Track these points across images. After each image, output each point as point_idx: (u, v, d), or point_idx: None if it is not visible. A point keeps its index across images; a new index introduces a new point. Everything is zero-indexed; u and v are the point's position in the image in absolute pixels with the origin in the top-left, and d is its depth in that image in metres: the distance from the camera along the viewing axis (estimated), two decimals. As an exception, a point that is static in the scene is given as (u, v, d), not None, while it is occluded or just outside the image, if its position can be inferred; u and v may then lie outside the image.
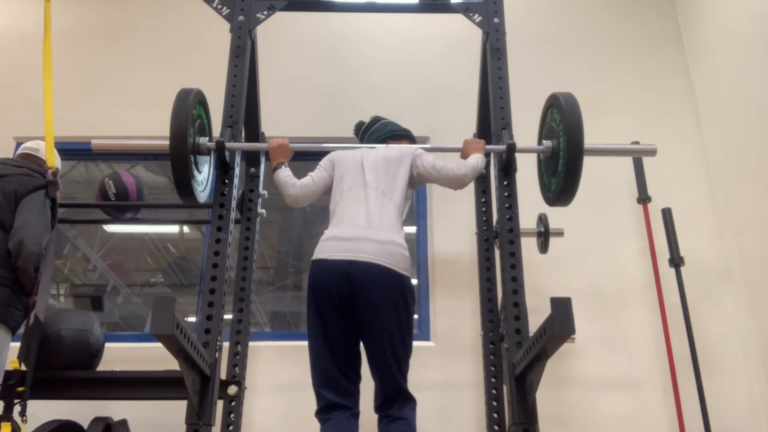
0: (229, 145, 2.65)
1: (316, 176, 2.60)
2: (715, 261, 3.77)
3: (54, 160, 2.75)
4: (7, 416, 2.34)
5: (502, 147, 2.68)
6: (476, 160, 2.58)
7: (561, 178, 2.49)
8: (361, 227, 2.34)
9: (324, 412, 2.22)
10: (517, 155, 2.68)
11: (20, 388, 2.37)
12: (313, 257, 2.36)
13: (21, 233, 2.53)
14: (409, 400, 2.25)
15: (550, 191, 2.70)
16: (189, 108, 2.46)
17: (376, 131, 2.84)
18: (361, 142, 2.92)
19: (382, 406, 2.24)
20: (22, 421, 2.32)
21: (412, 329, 2.33)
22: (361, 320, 2.26)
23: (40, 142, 2.94)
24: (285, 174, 2.59)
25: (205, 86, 3.16)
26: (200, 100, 2.66)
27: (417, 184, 2.62)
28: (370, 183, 2.47)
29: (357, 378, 2.32)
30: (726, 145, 3.89)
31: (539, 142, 2.79)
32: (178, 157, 2.42)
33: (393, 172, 2.51)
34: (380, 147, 2.65)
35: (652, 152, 2.75)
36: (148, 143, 2.65)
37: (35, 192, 2.66)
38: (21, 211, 2.59)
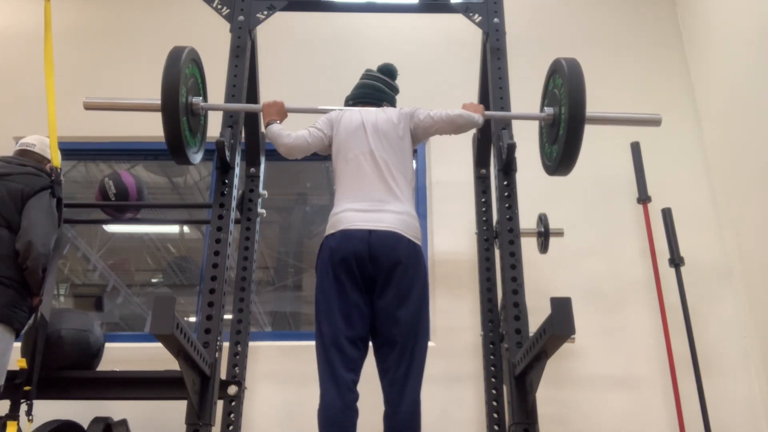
0: (205, 105, 2.63)
1: (312, 132, 2.57)
2: (715, 261, 3.77)
3: (59, 160, 2.75)
4: (13, 415, 2.35)
5: (505, 114, 2.73)
6: (472, 113, 2.56)
7: (561, 145, 2.44)
8: (376, 200, 2.34)
9: (328, 397, 2.15)
10: (518, 155, 2.67)
11: (27, 387, 2.37)
12: (330, 230, 2.34)
13: (29, 234, 2.53)
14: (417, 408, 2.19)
15: (550, 159, 2.65)
16: (181, 66, 2.41)
17: (370, 96, 2.75)
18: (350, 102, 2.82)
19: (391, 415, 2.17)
20: (29, 420, 2.32)
21: (428, 300, 2.33)
22: (379, 288, 2.25)
23: (37, 137, 2.93)
24: (278, 127, 2.56)
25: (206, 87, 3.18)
26: (194, 59, 2.60)
27: (416, 141, 2.61)
28: (376, 151, 2.44)
29: (363, 356, 2.27)
30: (726, 145, 3.89)
31: (541, 110, 2.74)
32: (170, 115, 2.36)
33: (398, 142, 2.49)
34: (378, 110, 2.61)
35: (656, 122, 2.67)
36: (141, 102, 2.59)
37: (41, 192, 2.66)
38: (28, 212, 2.59)
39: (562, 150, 2.44)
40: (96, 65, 4.42)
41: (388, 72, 2.82)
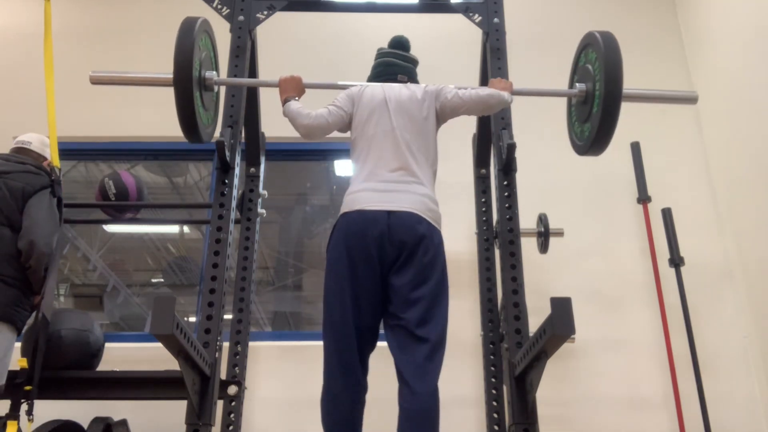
0: (219, 80, 2.53)
1: (332, 110, 2.42)
2: (715, 261, 3.77)
3: (58, 159, 2.75)
4: (14, 415, 2.34)
5: (534, 89, 2.66)
6: (502, 92, 2.43)
7: (596, 123, 2.30)
8: (396, 180, 2.22)
9: (332, 387, 2.08)
10: (518, 155, 2.66)
11: (27, 387, 2.37)
12: (345, 209, 2.21)
13: (32, 233, 2.52)
14: (436, 395, 2.07)
15: (582, 139, 2.51)
16: (195, 37, 2.26)
17: (385, 71, 2.62)
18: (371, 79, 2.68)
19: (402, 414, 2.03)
20: (29, 420, 2.32)
21: (447, 285, 2.21)
22: (396, 268, 2.13)
23: (34, 135, 2.91)
24: (296, 105, 2.42)
25: (205, 86, 3.18)
26: (206, 31, 2.47)
27: (441, 121, 2.48)
28: (398, 129, 2.32)
29: (372, 347, 2.18)
30: (726, 145, 3.89)
31: (571, 86, 2.62)
32: (183, 90, 2.23)
33: (421, 122, 2.37)
34: (401, 86, 2.48)
35: (693, 99, 2.58)
36: (152, 76, 2.48)
37: (42, 191, 2.65)
38: (30, 211, 2.58)
39: (596, 129, 2.31)
40: (96, 65, 4.39)
41: (399, 45, 2.69)
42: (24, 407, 2.38)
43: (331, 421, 2.05)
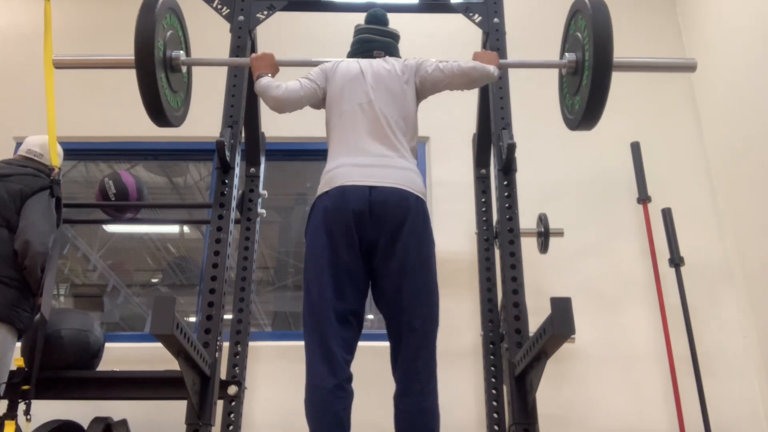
0: (186, 59, 2.42)
1: (304, 83, 2.32)
2: (715, 261, 3.77)
3: (57, 159, 2.75)
4: (11, 415, 2.34)
5: (522, 61, 2.60)
6: (486, 65, 2.35)
7: (586, 94, 2.19)
8: (377, 154, 2.12)
9: (316, 381, 1.94)
10: (518, 155, 2.66)
11: (25, 387, 2.37)
12: (323, 188, 2.10)
13: (27, 233, 2.53)
14: (433, 388, 2.01)
15: (573, 112, 2.40)
16: (157, 16, 2.16)
17: (362, 48, 2.51)
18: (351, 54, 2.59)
19: (401, 394, 1.98)
20: (27, 419, 2.32)
21: (435, 267, 2.12)
22: (380, 252, 2.04)
23: (42, 143, 2.91)
24: (267, 79, 2.33)
25: (205, 86, 3.17)
26: (171, 8, 2.35)
27: (421, 97, 2.39)
28: (376, 102, 2.21)
29: (357, 334, 2.08)
30: (726, 145, 3.89)
31: (561, 56, 2.54)
32: (145, 71, 2.13)
33: (400, 95, 2.27)
34: (379, 60, 2.39)
35: (690, 67, 2.44)
36: (113, 58, 2.42)
37: (40, 192, 2.66)
38: (26, 212, 2.58)
39: (587, 100, 2.20)
40: (96, 65, 4.42)
41: (375, 19, 2.55)
42: (22, 407, 2.38)
43: (313, 409, 1.90)
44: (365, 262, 2.07)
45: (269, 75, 2.38)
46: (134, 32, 2.12)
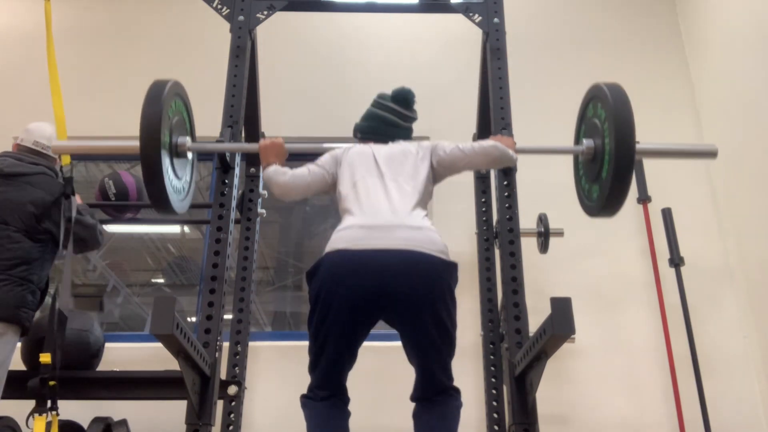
0: (193, 145, 2.37)
1: (312, 169, 2.24)
2: (715, 261, 3.77)
3: (69, 157, 2.73)
4: (42, 409, 2.35)
5: (537, 147, 2.49)
6: (506, 148, 2.26)
7: (607, 185, 2.10)
8: (389, 215, 1.97)
9: (312, 398, 1.99)
10: (519, 155, 2.66)
11: (52, 382, 2.38)
12: (329, 248, 1.95)
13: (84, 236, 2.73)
14: (454, 393, 2.01)
15: (591, 200, 2.32)
16: (164, 103, 2.12)
17: (380, 130, 2.38)
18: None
19: (419, 397, 2.01)
20: (55, 414, 2.34)
21: (455, 320, 2.02)
22: (395, 320, 1.96)
23: (52, 137, 2.85)
24: (275, 167, 2.25)
25: (205, 86, 3.17)
26: (178, 93, 2.31)
27: (438, 178, 2.28)
28: (387, 173, 2.12)
29: (353, 363, 2.06)
30: (726, 145, 3.89)
31: (577, 141, 2.47)
32: (150, 162, 2.07)
33: (412, 164, 2.18)
34: (391, 144, 2.30)
35: (712, 154, 2.35)
36: (117, 145, 2.37)
37: (60, 198, 2.68)
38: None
39: (608, 190, 2.10)
40: (96, 65, 4.42)
41: (404, 101, 2.40)
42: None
43: (310, 413, 1.96)
44: (377, 316, 1.98)
45: (277, 164, 2.28)
46: (140, 121, 2.08)
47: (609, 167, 2.10)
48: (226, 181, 2.66)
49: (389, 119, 2.38)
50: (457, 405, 2.00)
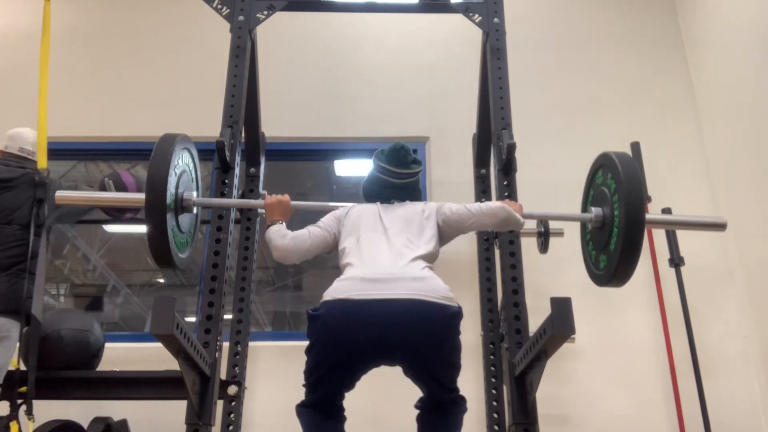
0: (198, 200, 2.36)
1: (313, 231, 2.22)
2: (715, 261, 3.77)
3: (45, 161, 2.75)
4: (13, 416, 2.36)
5: (546, 214, 2.52)
6: (515, 212, 2.25)
7: (616, 257, 2.10)
8: (390, 267, 1.95)
9: (307, 407, 2.01)
10: (518, 155, 2.66)
11: (23, 389, 2.39)
12: (328, 296, 1.92)
13: None
14: (459, 399, 2.00)
15: (599, 269, 2.30)
16: (171, 158, 2.09)
17: (379, 193, 2.36)
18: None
19: (424, 403, 2.03)
20: (30, 419, 2.35)
21: (460, 352, 1.99)
22: (398, 364, 1.96)
23: (29, 137, 2.91)
24: (277, 227, 2.22)
25: (205, 86, 3.17)
26: (186, 148, 2.30)
27: (445, 238, 2.27)
28: (391, 229, 2.11)
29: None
30: (726, 145, 3.89)
31: (584, 209, 2.46)
32: (155, 218, 2.04)
33: (418, 223, 2.17)
34: (397, 203, 2.30)
35: (721, 226, 2.34)
36: (123, 197, 2.36)
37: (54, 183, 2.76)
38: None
39: (617, 263, 2.09)
40: (96, 65, 4.42)
41: (396, 161, 2.34)
42: (23, 407, 2.39)
43: (306, 420, 2.00)
44: (377, 364, 1.98)
45: (281, 222, 2.27)
46: (147, 175, 2.05)
47: (618, 240, 2.09)
48: (226, 181, 2.67)
49: (387, 182, 2.34)
50: (462, 410, 2.02)
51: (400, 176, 2.34)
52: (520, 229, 2.32)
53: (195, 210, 2.38)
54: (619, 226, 2.09)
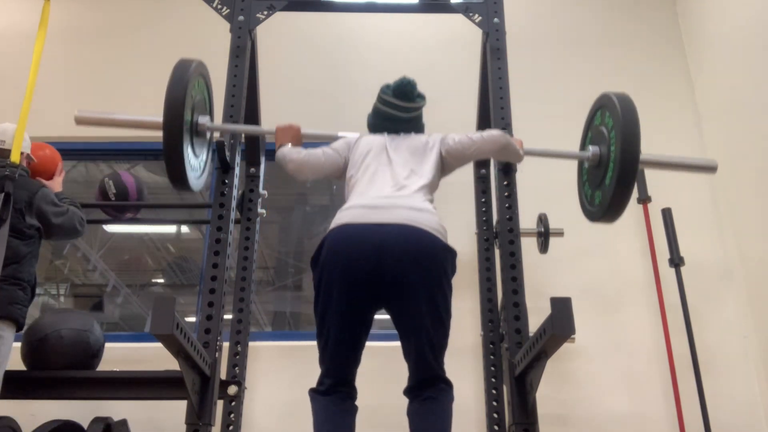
0: (212, 125, 2.43)
1: (327, 151, 2.33)
2: (715, 261, 3.77)
3: (19, 156, 2.71)
4: None
5: (544, 150, 2.53)
6: (512, 139, 2.35)
7: (609, 192, 2.19)
8: (390, 196, 2.07)
9: (320, 392, 2.04)
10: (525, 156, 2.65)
11: None
12: (332, 226, 2.05)
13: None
14: (446, 386, 2.04)
15: (593, 205, 2.39)
16: (188, 81, 2.16)
17: (384, 126, 2.43)
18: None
19: (412, 389, 2.03)
20: None
21: (450, 308, 2.08)
22: (391, 299, 2.00)
23: (8, 132, 2.83)
24: (288, 147, 2.35)
25: (205, 86, 3.18)
26: (202, 74, 2.38)
27: (447, 169, 2.34)
28: (396, 160, 2.21)
29: (360, 355, 2.10)
30: (726, 145, 3.89)
31: (582, 147, 2.54)
32: (172, 139, 2.11)
33: (422, 154, 2.26)
34: (404, 135, 2.38)
35: (712, 168, 2.45)
36: (140, 119, 2.37)
37: (40, 192, 2.68)
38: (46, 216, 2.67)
39: (610, 196, 2.19)
40: (96, 65, 4.42)
41: (403, 95, 2.39)
42: (21, 406, 2.38)
43: (317, 420, 2.00)
44: (376, 299, 2.03)
45: (291, 145, 2.37)
46: (165, 98, 2.10)
47: (613, 174, 2.16)
48: (226, 181, 2.66)
49: (392, 115, 2.41)
50: (449, 398, 2.04)
51: (407, 110, 2.40)
52: (519, 161, 2.40)
53: (208, 135, 2.47)
54: (614, 160, 2.16)
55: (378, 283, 1.96)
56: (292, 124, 2.44)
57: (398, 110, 2.40)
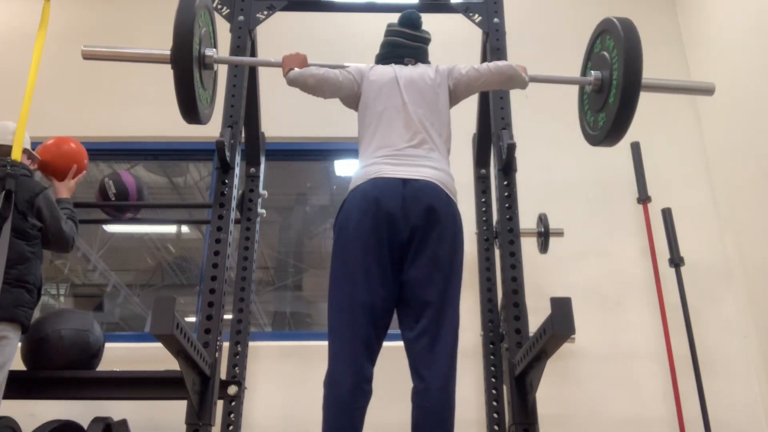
0: (219, 58, 2.46)
1: (344, 73, 2.35)
2: (715, 261, 3.77)
3: (20, 154, 2.70)
4: None
5: (547, 76, 2.56)
6: (519, 69, 2.36)
7: (612, 113, 2.24)
8: (410, 155, 2.12)
9: (333, 385, 1.92)
10: (518, 155, 2.66)
11: None
12: (356, 182, 2.10)
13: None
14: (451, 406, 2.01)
15: (595, 128, 2.44)
16: (196, 12, 2.19)
17: (392, 53, 2.47)
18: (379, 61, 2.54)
19: (419, 392, 1.96)
20: None
21: (461, 274, 2.07)
22: (412, 251, 1.99)
23: (9, 128, 2.82)
24: (300, 69, 2.37)
25: (205, 86, 3.18)
26: (207, 6, 2.41)
27: (455, 101, 2.39)
28: (410, 105, 2.22)
29: (383, 333, 2.02)
30: (726, 145, 3.89)
31: (583, 73, 2.57)
32: (182, 68, 2.16)
33: (433, 98, 2.28)
34: (411, 66, 2.39)
35: (709, 90, 2.55)
36: (148, 53, 2.38)
37: (41, 194, 2.67)
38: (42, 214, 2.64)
39: (613, 118, 2.24)
40: (96, 65, 4.40)
41: (409, 23, 2.49)
42: (22, 407, 2.38)
43: (329, 406, 1.90)
44: (397, 255, 2.01)
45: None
46: (173, 27, 2.15)
47: (616, 93, 2.20)
48: (226, 181, 2.66)
49: (398, 42, 2.48)
50: (452, 413, 2.05)
51: (414, 38, 2.48)
52: (524, 87, 2.42)
53: (215, 68, 2.51)
54: (618, 78, 2.20)
55: (402, 225, 2.00)
56: (299, 52, 2.48)
57: (405, 37, 2.47)
